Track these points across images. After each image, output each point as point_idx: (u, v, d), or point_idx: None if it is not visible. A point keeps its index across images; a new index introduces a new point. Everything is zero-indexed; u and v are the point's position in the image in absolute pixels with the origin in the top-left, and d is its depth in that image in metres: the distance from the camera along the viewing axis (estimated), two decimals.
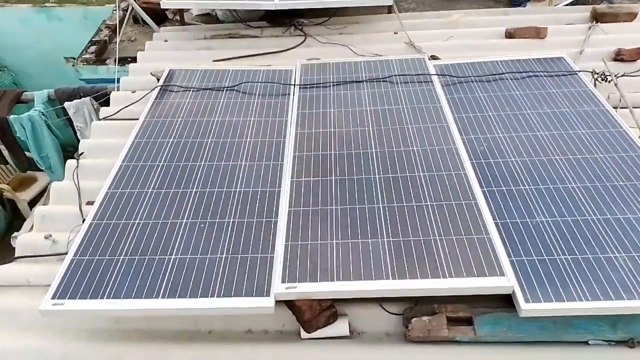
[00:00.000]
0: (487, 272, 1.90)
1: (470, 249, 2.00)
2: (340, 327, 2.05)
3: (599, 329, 1.93)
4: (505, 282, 1.86)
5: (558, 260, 1.97)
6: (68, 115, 5.26)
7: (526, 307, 1.80)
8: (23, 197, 6.08)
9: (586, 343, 1.95)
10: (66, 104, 5.09)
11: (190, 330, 2.15)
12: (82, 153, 3.07)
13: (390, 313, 2.10)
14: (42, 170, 5.91)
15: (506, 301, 1.96)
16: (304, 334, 2.04)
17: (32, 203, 6.03)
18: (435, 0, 5.47)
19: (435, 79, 3.15)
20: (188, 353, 2.03)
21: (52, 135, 5.58)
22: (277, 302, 1.95)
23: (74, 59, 5.07)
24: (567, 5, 4.89)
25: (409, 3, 5.48)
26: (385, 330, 2.11)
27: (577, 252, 2.00)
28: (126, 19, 5.05)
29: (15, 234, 4.85)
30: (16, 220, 6.04)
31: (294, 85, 3.20)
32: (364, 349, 2.01)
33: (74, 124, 5.32)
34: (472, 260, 1.95)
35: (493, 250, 1.98)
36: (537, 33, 3.77)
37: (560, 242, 2.04)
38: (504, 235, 2.08)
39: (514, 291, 1.86)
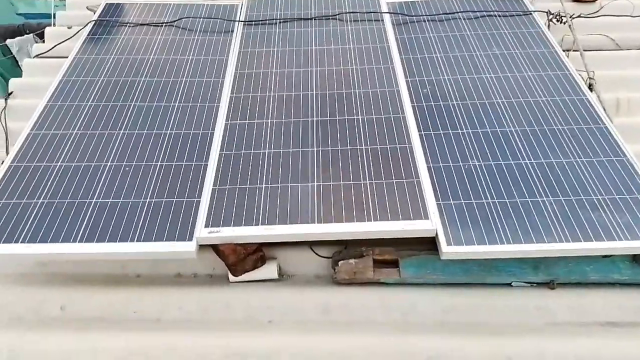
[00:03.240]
0: (412, 215, 1.88)
1: (399, 193, 1.97)
2: (268, 270, 2.05)
3: (521, 272, 1.96)
4: (429, 225, 1.85)
5: (485, 204, 1.96)
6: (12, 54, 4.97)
7: (447, 250, 1.81)
8: None
9: (509, 285, 1.99)
10: (8, 42, 4.79)
11: (117, 274, 2.13)
12: (11, 93, 2.90)
13: (320, 256, 2.10)
14: None
15: (433, 244, 1.96)
16: (232, 278, 2.03)
17: None
18: None
19: (386, 17, 3.01)
20: (114, 296, 2.01)
21: None
22: (205, 247, 1.92)
23: None
24: None
25: None
26: (315, 273, 2.11)
27: (505, 195, 1.99)
28: None
29: None
30: None
31: (238, 21, 3.02)
32: (292, 291, 2.02)
33: (19, 62, 5.04)
34: (399, 203, 1.93)
35: (421, 194, 1.96)
36: None
37: (491, 185, 2.03)
38: (435, 179, 2.05)
39: (437, 234, 1.85)
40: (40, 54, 3.15)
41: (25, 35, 4.66)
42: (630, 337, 1.83)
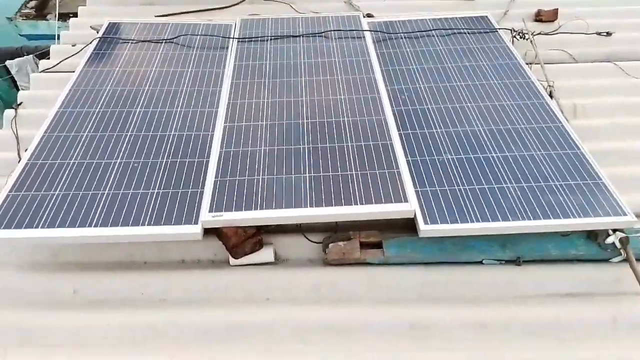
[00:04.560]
0: (394, 199, 2.13)
1: (381, 181, 2.22)
2: (265, 254, 2.25)
3: (491, 249, 2.20)
4: (408, 207, 2.10)
5: (457, 190, 2.22)
6: (11, 74, 5.16)
7: (424, 228, 2.05)
8: None
9: (481, 263, 2.22)
10: (7, 63, 4.99)
11: (125, 261, 2.31)
12: (20, 103, 3.10)
13: (312, 242, 2.31)
14: None
15: (413, 229, 2.20)
16: (232, 261, 2.23)
17: None
18: None
19: (367, 35, 3.32)
20: (123, 281, 2.19)
21: None
22: (208, 233, 2.12)
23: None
24: None
25: None
26: (308, 257, 2.32)
27: (475, 183, 2.25)
28: None
29: None
30: None
31: (233, 38, 3.30)
32: (287, 273, 2.22)
33: (18, 83, 5.23)
34: (382, 190, 2.18)
35: (400, 182, 2.21)
36: None
37: (462, 175, 2.29)
38: (413, 170, 2.31)
39: (415, 215, 2.09)
40: (47, 69, 3.37)
41: (25, 57, 4.88)
42: (585, 305, 2.08)
